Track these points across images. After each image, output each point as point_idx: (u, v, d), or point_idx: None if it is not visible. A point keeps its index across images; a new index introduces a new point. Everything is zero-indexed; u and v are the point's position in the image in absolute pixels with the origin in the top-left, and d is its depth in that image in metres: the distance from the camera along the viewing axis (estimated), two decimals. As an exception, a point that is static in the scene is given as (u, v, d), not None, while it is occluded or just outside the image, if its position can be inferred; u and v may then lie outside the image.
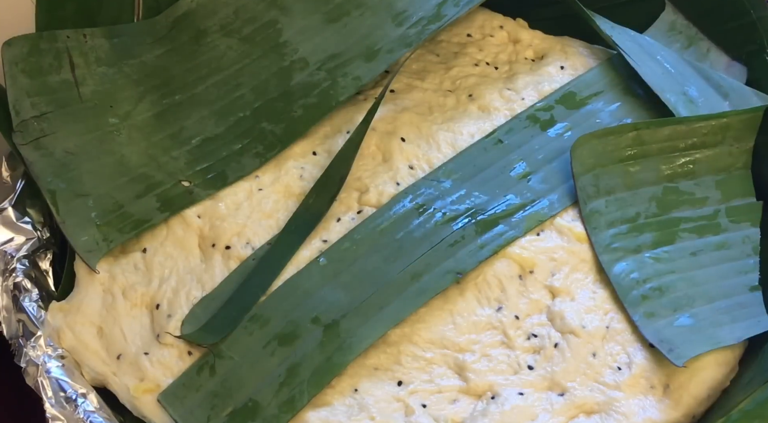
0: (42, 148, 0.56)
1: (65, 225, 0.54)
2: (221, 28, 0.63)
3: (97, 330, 0.52)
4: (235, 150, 0.58)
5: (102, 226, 0.54)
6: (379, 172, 0.58)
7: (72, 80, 0.59)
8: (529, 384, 0.51)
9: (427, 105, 0.63)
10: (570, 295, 0.54)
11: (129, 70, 0.61)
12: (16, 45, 0.58)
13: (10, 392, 0.54)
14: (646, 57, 0.63)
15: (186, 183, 0.57)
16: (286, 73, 0.61)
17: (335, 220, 0.56)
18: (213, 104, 0.60)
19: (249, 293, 0.52)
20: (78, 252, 0.53)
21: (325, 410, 0.49)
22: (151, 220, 0.55)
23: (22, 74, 0.58)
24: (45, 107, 0.58)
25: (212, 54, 0.62)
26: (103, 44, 0.61)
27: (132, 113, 0.59)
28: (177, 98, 0.60)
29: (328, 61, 0.61)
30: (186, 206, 0.56)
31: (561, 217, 0.57)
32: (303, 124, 0.59)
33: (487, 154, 0.59)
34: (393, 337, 0.52)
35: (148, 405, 0.50)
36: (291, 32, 0.62)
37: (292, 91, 0.60)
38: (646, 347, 0.52)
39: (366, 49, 0.61)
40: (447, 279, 0.53)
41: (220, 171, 0.57)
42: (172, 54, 0.62)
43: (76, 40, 0.60)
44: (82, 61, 0.60)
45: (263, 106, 0.60)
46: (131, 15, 0.64)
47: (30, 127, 0.57)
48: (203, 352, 0.50)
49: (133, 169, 0.57)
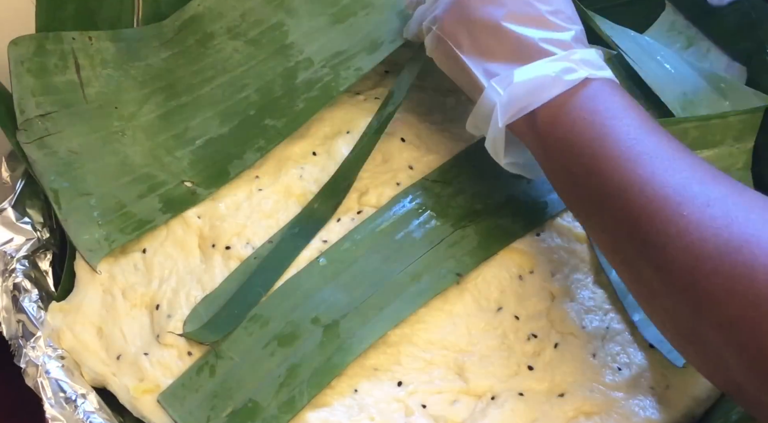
0: (46, 147, 0.56)
1: (67, 223, 0.54)
2: (228, 31, 0.63)
3: (96, 330, 0.52)
4: (239, 149, 0.58)
5: (104, 225, 0.54)
6: (378, 172, 0.58)
7: (77, 81, 0.59)
8: (529, 385, 0.51)
9: (426, 105, 0.63)
10: (570, 296, 0.54)
11: (135, 72, 0.61)
12: (22, 44, 0.58)
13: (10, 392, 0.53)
14: (646, 57, 0.63)
15: (189, 183, 0.57)
16: (291, 72, 0.61)
17: (335, 221, 0.56)
18: (218, 105, 0.60)
19: (251, 293, 0.52)
20: (79, 250, 0.53)
21: (324, 411, 0.49)
22: (153, 221, 0.55)
23: (28, 73, 0.58)
24: (50, 107, 0.58)
25: (218, 56, 0.62)
26: (109, 47, 0.61)
27: (137, 114, 0.59)
28: (182, 100, 0.60)
29: (333, 58, 0.61)
30: (188, 207, 0.56)
31: (561, 217, 0.57)
32: (304, 115, 0.59)
33: (487, 155, 0.59)
34: (393, 337, 0.52)
35: (147, 405, 0.49)
36: (297, 34, 0.62)
37: (296, 88, 0.60)
38: (646, 348, 0.52)
39: (370, 43, 0.61)
40: (447, 279, 0.53)
41: (221, 168, 0.57)
42: (178, 57, 0.62)
43: (81, 42, 0.60)
44: (87, 62, 0.60)
45: (268, 105, 0.60)
46: (131, 15, 0.64)
47: (34, 126, 0.57)
48: (203, 352, 0.50)
49: (136, 169, 0.57)
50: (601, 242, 0.47)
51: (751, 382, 0.39)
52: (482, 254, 0.54)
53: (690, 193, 0.41)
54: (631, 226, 0.43)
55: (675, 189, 0.41)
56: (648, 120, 0.46)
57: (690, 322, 0.41)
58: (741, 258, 0.38)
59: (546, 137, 0.47)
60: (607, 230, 0.45)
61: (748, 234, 0.39)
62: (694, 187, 0.41)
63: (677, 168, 0.42)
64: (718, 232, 0.39)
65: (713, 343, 0.40)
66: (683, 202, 0.41)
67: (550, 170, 0.49)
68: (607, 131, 0.45)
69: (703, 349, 0.41)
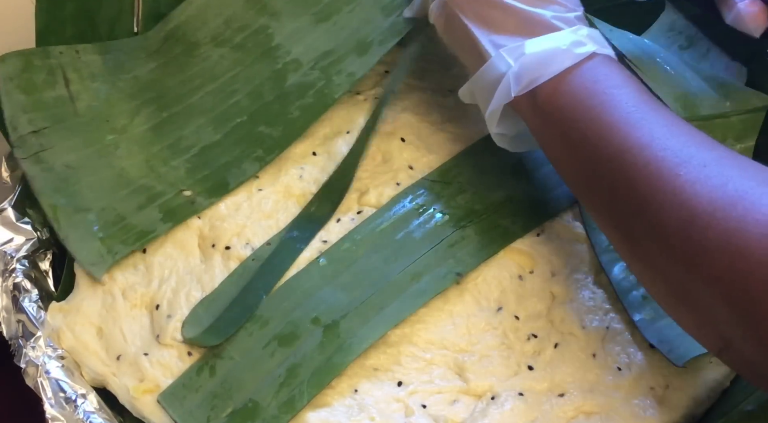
0: (42, 162, 0.56)
1: (68, 240, 0.53)
2: (212, 39, 0.63)
3: (96, 330, 0.52)
4: (235, 156, 0.58)
5: (105, 239, 0.54)
6: (378, 172, 0.58)
7: (67, 95, 0.59)
8: (529, 385, 0.51)
9: (426, 105, 0.62)
10: (570, 296, 0.54)
11: (123, 84, 0.61)
12: (9, 61, 0.58)
13: (10, 392, 0.53)
14: (646, 59, 0.63)
15: (187, 192, 0.57)
16: (280, 75, 0.61)
17: (335, 221, 0.56)
18: (209, 112, 0.60)
19: (252, 296, 0.52)
20: (83, 266, 0.53)
21: (324, 411, 0.49)
22: (155, 231, 0.55)
23: (17, 90, 0.58)
24: (42, 123, 0.57)
25: (205, 64, 0.62)
26: (96, 60, 0.61)
27: (129, 127, 0.59)
28: (173, 110, 0.60)
29: (321, 59, 0.61)
30: (188, 216, 0.56)
31: (561, 217, 0.57)
32: (300, 125, 0.59)
33: (488, 155, 0.59)
34: (393, 337, 0.52)
35: (147, 405, 0.49)
36: (282, 36, 0.62)
37: (288, 93, 0.60)
38: (646, 348, 0.52)
39: (357, 43, 0.61)
40: (447, 279, 0.53)
41: (220, 178, 0.57)
42: (165, 67, 0.62)
43: (69, 55, 0.60)
44: (76, 76, 0.60)
45: (259, 110, 0.60)
46: (131, 15, 0.64)
47: (28, 142, 0.56)
48: (203, 352, 0.50)
49: (133, 181, 0.57)
50: (595, 208, 0.48)
51: (739, 335, 0.40)
52: (482, 254, 0.54)
53: (687, 155, 0.42)
54: (628, 188, 0.44)
55: (673, 151, 0.42)
56: (646, 92, 0.47)
57: (682, 278, 0.42)
58: (734, 213, 0.39)
59: (545, 107, 0.48)
60: (602, 194, 0.46)
61: (741, 191, 0.40)
62: (691, 149, 0.43)
63: (675, 133, 0.44)
64: (713, 190, 0.40)
65: (704, 299, 0.41)
66: (680, 164, 0.42)
67: (547, 140, 0.50)
68: (607, 99, 0.46)
69: (694, 306, 0.42)
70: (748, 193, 0.39)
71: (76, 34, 0.62)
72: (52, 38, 0.61)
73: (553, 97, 0.48)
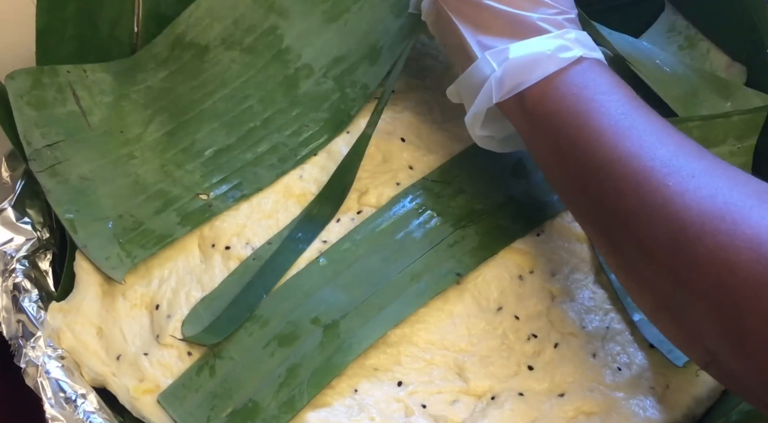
0: (57, 175, 0.56)
1: (87, 249, 0.53)
2: (222, 41, 0.63)
3: (96, 330, 0.52)
4: (249, 160, 0.58)
5: (125, 244, 0.54)
6: (378, 172, 0.58)
7: (78, 111, 0.59)
8: (529, 385, 0.51)
9: (427, 105, 0.62)
10: (570, 296, 0.54)
11: (135, 96, 0.61)
12: (18, 78, 0.58)
13: (10, 392, 0.53)
14: (645, 60, 0.63)
15: (204, 196, 0.57)
16: (292, 81, 0.61)
17: (335, 221, 0.56)
18: (222, 117, 0.60)
19: (252, 296, 0.52)
20: (104, 271, 0.53)
21: (324, 411, 0.49)
22: (173, 235, 0.55)
23: (28, 106, 0.57)
24: (56, 136, 0.57)
25: (216, 69, 0.62)
26: (105, 78, 0.61)
27: (143, 135, 0.59)
28: (186, 116, 0.60)
29: (333, 66, 0.61)
30: (206, 220, 0.55)
31: (561, 217, 0.57)
32: (316, 140, 0.59)
33: (488, 155, 0.59)
34: (393, 337, 0.52)
35: (147, 405, 0.50)
36: (292, 37, 0.62)
37: (300, 101, 0.60)
38: (646, 348, 0.52)
39: (369, 48, 0.61)
40: (447, 279, 0.53)
41: (236, 183, 0.57)
42: (176, 74, 0.62)
43: (76, 74, 0.60)
44: (86, 93, 0.60)
45: (272, 117, 0.60)
46: (131, 15, 0.64)
47: (43, 156, 0.56)
48: (203, 352, 0.50)
49: (149, 187, 0.57)
50: (582, 216, 0.48)
51: (726, 350, 0.39)
52: (482, 254, 0.54)
53: (676, 165, 0.42)
54: (616, 198, 0.43)
55: (662, 161, 0.42)
56: (636, 98, 0.46)
57: (669, 291, 0.41)
58: (723, 226, 0.39)
59: (533, 112, 0.47)
60: (590, 203, 0.45)
61: (731, 203, 0.39)
62: (680, 159, 0.42)
63: (664, 142, 0.43)
64: (702, 202, 0.40)
65: (691, 312, 0.40)
66: (669, 174, 0.41)
67: (535, 145, 0.49)
68: (595, 105, 0.45)
69: (681, 319, 0.42)
70: (737, 206, 0.39)
71: (77, 33, 0.62)
72: (52, 38, 0.61)
73: (540, 103, 0.47)
